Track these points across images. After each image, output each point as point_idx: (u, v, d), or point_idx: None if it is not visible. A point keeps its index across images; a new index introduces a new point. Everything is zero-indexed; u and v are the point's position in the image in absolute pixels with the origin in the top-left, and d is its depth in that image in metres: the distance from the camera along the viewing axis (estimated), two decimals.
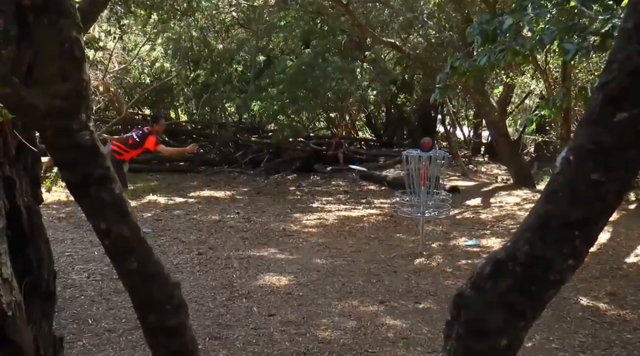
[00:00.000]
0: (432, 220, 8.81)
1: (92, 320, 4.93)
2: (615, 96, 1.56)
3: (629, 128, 1.56)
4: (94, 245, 7.20)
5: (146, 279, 2.15)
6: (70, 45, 1.87)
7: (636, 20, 1.52)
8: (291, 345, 4.48)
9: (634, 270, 6.66)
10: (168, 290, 2.22)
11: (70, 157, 1.98)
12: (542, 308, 1.81)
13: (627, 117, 1.55)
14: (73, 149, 1.96)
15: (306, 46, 16.83)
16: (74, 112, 1.93)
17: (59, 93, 1.89)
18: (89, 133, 1.97)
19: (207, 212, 9.98)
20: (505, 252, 1.75)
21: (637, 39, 1.52)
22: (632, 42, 1.52)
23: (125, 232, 2.03)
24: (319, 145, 17.74)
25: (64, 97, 1.89)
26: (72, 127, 1.93)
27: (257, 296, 5.66)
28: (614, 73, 1.55)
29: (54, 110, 1.90)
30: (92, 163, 1.98)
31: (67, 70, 1.88)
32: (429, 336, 4.71)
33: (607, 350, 4.52)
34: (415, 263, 7.06)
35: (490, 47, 5.30)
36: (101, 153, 2.02)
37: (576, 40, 4.81)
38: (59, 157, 2.00)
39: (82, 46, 1.90)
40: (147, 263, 2.14)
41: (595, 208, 1.64)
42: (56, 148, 1.98)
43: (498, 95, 15.18)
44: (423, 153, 7.32)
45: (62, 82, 1.89)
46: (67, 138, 1.94)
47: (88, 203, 2.02)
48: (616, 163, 1.59)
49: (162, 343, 2.25)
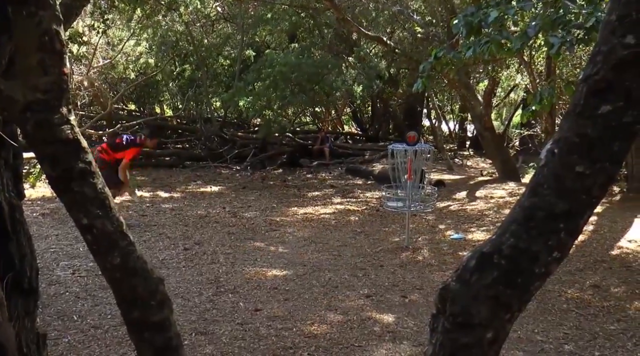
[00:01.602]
0: (418, 214, 8.83)
1: (77, 316, 4.89)
2: (599, 89, 1.56)
3: (613, 121, 1.57)
4: (79, 241, 7.14)
5: (129, 274, 2.13)
6: (51, 38, 1.84)
7: (619, 13, 1.52)
8: (277, 339, 4.47)
9: (618, 262, 6.72)
10: (152, 285, 2.20)
11: (51, 151, 1.95)
12: (527, 300, 1.82)
13: (610, 109, 1.56)
14: (54, 143, 1.93)
15: (292, 40, 16.78)
16: (54, 105, 1.90)
17: (39, 87, 1.86)
18: (70, 127, 1.94)
19: (193, 207, 9.93)
20: (490, 245, 1.75)
21: (620, 32, 1.52)
22: (616, 35, 1.52)
23: (107, 227, 2.01)
24: (305, 139, 17.73)
25: (45, 90, 1.87)
26: (53, 121, 1.91)
27: (244, 291, 5.65)
28: (598, 66, 1.56)
29: (35, 103, 1.87)
30: (73, 157, 1.95)
31: (48, 63, 1.86)
32: (415, 330, 4.73)
33: (591, 341, 4.56)
34: (402, 257, 7.07)
35: (475, 40, 5.30)
36: (83, 148, 1.99)
37: (560, 33, 4.83)
38: (40, 151, 1.97)
39: (62, 39, 1.87)
40: (130, 258, 2.12)
41: (580, 200, 1.64)
42: (37, 142, 1.95)
43: (483, 89, 15.21)
44: (409, 147, 7.33)
45: (43, 75, 1.86)
46: (47, 132, 1.91)
47: (70, 198, 1.99)
48: (600, 156, 1.59)
49: (147, 338, 2.24)
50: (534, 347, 4.43)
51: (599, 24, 4.33)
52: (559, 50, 4.79)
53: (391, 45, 14.28)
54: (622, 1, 1.51)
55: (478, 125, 12.74)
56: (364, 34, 13.42)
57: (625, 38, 1.51)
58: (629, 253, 7.09)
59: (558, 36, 4.81)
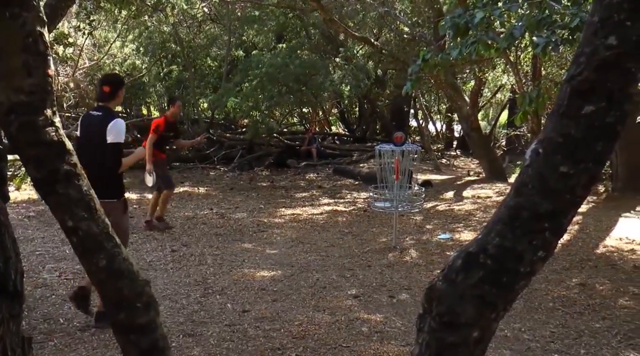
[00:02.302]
0: (405, 214, 8.85)
1: (64, 319, 4.86)
2: (582, 89, 1.58)
3: (596, 121, 1.59)
4: (65, 244, 7.09)
5: (115, 276, 2.12)
6: (35, 39, 1.83)
7: (601, 14, 1.54)
8: (265, 340, 4.47)
9: (603, 261, 6.78)
10: (138, 287, 2.19)
11: (36, 154, 1.94)
12: (513, 299, 1.83)
13: (593, 110, 1.57)
14: (38, 145, 1.92)
15: (279, 41, 16.77)
16: (39, 107, 1.89)
17: (23, 88, 1.85)
18: (54, 129, 1.93)
19: (180, 208, 9.90)
20: (476, 245, 1.76)
21: (603, 34, 1.54)
22: (598, 37, 1.54)
23: (93, 229, 2.00)
24: (292, 140, 17.72)
25: (29, 92, 1.85)
26: (37, 123, 1.90)
27: (231, 292, 5.63)
28: (581, 66, 1.57)
29: (18, 105, 1.86)
30: (58, 159, 1.94)
31: (32, 65, 1.85)
32: (402, 330, 4.74)
33: (577, 339, 4.60)
34: (389, 257, 7.09)
35: (462, 41, 5.34)
36: (68, 150, 1.98)
37: (546, 34, 4.87)
38: (24, 153, 1.96)
39: (46, 40, 1.86)
40: (116, 261, 2.11)
41: (564, 200, 1.66)
42: (21, 145, 1.94)
43: (470, 90, 15.28)
44: (396, 148, 7.35)
45: (27, 77, 1.85)
46: (32, 134, 1.90)
47: (55, 200, 1.98)
48: (584, 156, 1.61)
49: (133, 341, 2.23)
50: (520, 346, 4.45)
51: (583, 24, 4.35)
52: (544, 50, 4.83)
53: (378, 45, 14.31)
54: (604, 3, 1.53)
55: (465, 125, 12.81)
56: (351, 34, 13.45)
57: (607, 39, 1.53)
58: (614, 252, 7.15)
59: (543, 36, 4.85)
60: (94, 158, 4.44)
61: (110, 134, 4.53)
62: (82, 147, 4.66)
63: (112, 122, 4.55)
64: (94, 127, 4.61)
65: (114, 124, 4.54)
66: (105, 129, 4.52)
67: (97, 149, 4.53)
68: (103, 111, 4.68)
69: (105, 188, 4.26)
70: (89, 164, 3.97)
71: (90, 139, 4.63)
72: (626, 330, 4.79)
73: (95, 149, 4.54)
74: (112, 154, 4.57)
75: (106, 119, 4.57)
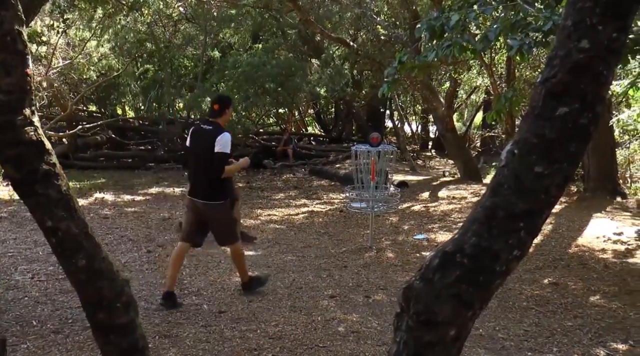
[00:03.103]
0: (381, 215, 8.89)
1: (37, 321, 4.79)
2: (556, 91, 1.61)
3: (570, 123, 1.62)
4: (38, 245, 7.01)
5: (95, 277, 2.11)
6: (13, 38, 1.81)
7: (574, 18, 1.57)
8: (242, 341, 4.46)
9: (575, 260, 6.88)
10: (117, 287, 2.18)
11: (15, 153, 1.93)
12: (488, 298, 1.86)
13: (567, 111, 1.61)
14: (18, 145, 1.90)
15: (255, 41, 16.73)
16: (17, 107, 1.87)
17: (1, 88, 1.83)
18: (33, 129, 1.92)
19: (156, 209, 9.82)
20: (452, 244, 1.78)
21: (576, 37, 1.57)
22: (572, 40, 1.57)
23: (72, 229, 1.99)
24: (268, 141, 17.68)
25: (7, 91, 1.84)
26: (16, 123, 1.88)
27: (207, 293, 5.61)
28: (555, 69, 1.61)
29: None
30: (37, 159, 1.93)
31: (10, 64, 1.83)
32: (378, 330, 4.77)
33: (550, 338, 4.67)
34: (365, 257, 7.12)
35: (438, 43, 5.39)
36: (47, 149, 1.96)
37: (520, 36, 4.93)
38: (3, 153, 1.94)
39: (24, 39, 1.85)
40: (96, 261, 2.10)
41: (539, 199, 1.69)
42: (0, 144, 1.92)
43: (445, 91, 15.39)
44: (372, 148, 7.39)
45: (5, 76, 1.83)
46: (11, 134, 1.88)
47: (34, 200, 1.97)
48: (558, 156, 1.64)
49: (112, 341, 2.21)
50: (495, 344, 4.50)
51: (556, 27, 4.44)
52: (518, 52, 4.90)
53: (354, 47, 14.35)
54: (576, 7, 1.57)
55: (440, 126, 12.91)
56: (328, 35, 13.47)
57: (580, 42, 1.57)
58: (586, 251, 7.27)
59: (517, 39, 4.92)
60: (200, 165, 5.24)
61: (219, 145, 5.12)
62: (190, 155, 5.46)
63: (220, 135, 5.15)
64: (204, 138, 5.22)
65: (222, 136, 5.15)
66: (214, 141, 5.11)
67: (204, 158, 5.18)
68: (213, 125, 5.29)
69: (209, 192, 5.20)
70: (195, 170, 5.32)
71: (199, 149, 5.26)
72: (597, 328, 4.89)
73: (203, 158, 5.19)
74: (219, 162, 5.15)
75: (215, 132, 5.18)
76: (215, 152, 5.12)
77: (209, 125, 5.32)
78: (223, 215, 5.35)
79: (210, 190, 5.21)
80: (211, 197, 5.22)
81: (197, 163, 5.28)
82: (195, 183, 5.31)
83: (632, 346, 4.55)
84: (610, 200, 10.46)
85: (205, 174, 5.20)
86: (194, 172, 5.39)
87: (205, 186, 5.22)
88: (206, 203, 5.24)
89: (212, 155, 5.12)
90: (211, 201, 5.22)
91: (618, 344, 4.57)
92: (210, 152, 5.12)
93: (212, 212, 5.29)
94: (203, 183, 5.23)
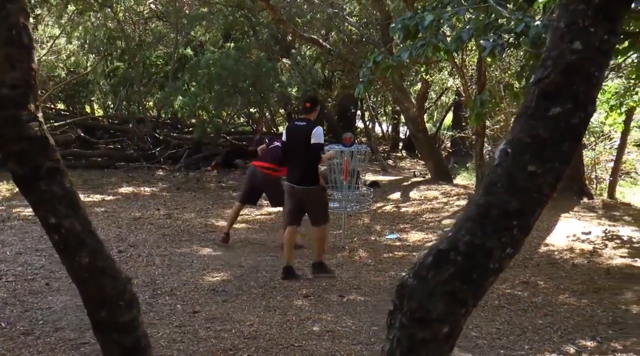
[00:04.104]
0: (353, 215, 8.92)
1: (6, 323, 4.68)
2: (549, 92, 1.64)
3: (562, 123, 1.65)
4: (5, 245, 6.88)
5: (98, 274, 2.08)
6: (18, 32, 1.77)
7: (567, 20, 1.60)
8: (217, 341, 4.43)
9: (544, 260, 7.01)
10: (120, 285, 2.15)
11: (19, 149, 1.88)
12: (481, 295, 1.88)
13: (560, 111, 1.63)
14: (21, 140, 1.86)
15: (226, 40, 16.63)
16: (22, 101, 1.83)
17: (6, 82, 1.79)
18: (38, 124, 1.88)
19: (127, 208, 9.69)
20: (446, 242, 1.80)
21: (568, 38, 1.60)
22: (564, 41, 1.60)
23: (76, 227, 1.95)
24: (240, 140, 17.58)
25: (12, 86, 1.80)
26: (21, 118, 1.84)
27: (181, 293, 5.56)
28: (548, 69, 1.63)
29: (1, 99, 1.80)
30: (42, 155, 1.89)
31: (15, 58, 1.79)
32: (353, 329, 4.78)
33: (521, 336, 4.75)
34: (338, 257, 7.14)
35: (412, 43, 5.42)
36: (51, 145, 1.93)
37: (492, 37, 4.99)
38: (6, 148, 1.89)
39: (30, 32, 1.81)
40: (99, 258, 2.07)
41: (532, 198, 1.72)
42: (3, 140, 1.88)
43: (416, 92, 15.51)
44: (345, 148, 7.41)
45: (10, 71, 1.79)
46: (15, 129, 1.84)
47: (37, 196, 1.93)
48: (551, 156, 1.67)
49: (114, 339, 2.18)
50: (468, 343, 4.55)
51: (528, 29, 4.52)
52: (491, 53, 4.95)
53: (326, 47, 14.37)
54: (569, 9, 1.59)
55: (412, 126, 12.99)
56: (300, 35, 13.46)
57: (573, 44, 1.60)
58: (554, 251, 7.40)
59: (490, 40, 4.97)
60: (299, 156, 6.04)
61: (314, 138, 5.94)
62: (288, 148, 6.23)
63: (314, 129, 5.99)
64: (300, 133, 6.05)
65: (316, 130, 5.98)
66: (310, 134, 5.93)
67: (302, 150, 5.99)
68: (306, 121, 6.13)
69: (308, 178, 6.04)
70: (295, 161, 6.12)
71: (296, 142, 6.08)
72: (566, 325, 4.99)
73: (301, 150, 6.00)
74: (316, 152, 6.04)
75: (310, 127, 6.01)
76: (311, 143, 5.93)
77: (302, 122, 6.20)
78: (318, 197, 6.22)
79: (307, 176, 6.04)
80: (309, 182, 6.04)
81: (296, 154, 6.09)
82: (295, 171, 6.14)
83: (600, 343, 4.65)
84: (577, 200, 10.64)
85: (304, 163, 6.02)
86: (293, 162, 6.19)
87: (303, 173, 6.04)
88: (305, 188, 6.07)
89: (309, 147, 5.93)
90: (309, 186, 6.05)
91: (587, 341, 4.67)
92: (307, 144, 5.93)
93: (310, 195, 6.12)
94: (301, 171, 6.05)
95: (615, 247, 7.58)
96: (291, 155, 6.21)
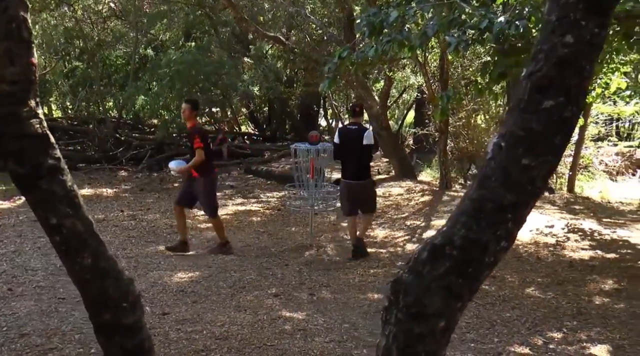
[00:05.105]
0: (320, 213, 8.91)
1: None
2: (542, 85, 1.65)
3: (555, 116, 1.66)
4: None
5: (100, 275, 2.02)
6: (18, 25, 1.70)
7: (558, 14, 1.61)
8: (188, 343, 4.37)
9: (510, 254, 7.08)
10: (123, 286, 2.09)
11: (19, 147, 1.81)
12: (477, 289, 1.88)
13: (553, 104, 1.64)
14: (22, 138, 1.79)
15: (187, 39, 16.45)
16: (22, 97, 1.76)
17: (6, 78, 1.71)
18: (39, 121, 1.81)
19: (89, 211, 9.25)
20: (441, 237, 1.80)
21: (560, 32, 1.61)
22: (556, 34, 1.61)
23: (78, 227, 1.89)
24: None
25: (11, 81, 1.72)
26: (21, 114, 1.76)
27: (149, 295, 5.48)
28: (540, 63, 1.64)
29: (1, 96, 1.72)
30: (42, 153, 1.82)
31: (14, 53, 1.72)
32: (325, 327, 4.78)
33: (490, 329, 4.82)
34: (306, 255, 7.14)
35: (377, 39, 5.43)
36: (52, 143, 1.85)
37: (457, 33, 5.04)
38: (5, 146, 1.81)
39: (29, 27, 1.73)
40: (102, 259, 2.01)
41: (526, 191, 1.72)
42: (3, 137, 1.80)
43: (379, 90, 15.55)
44: (311, 147, 7.40)
45: (9, 66, 1.72)
46: (15, 126, 1.77)
47: (37, 196, 1.85)
48: (544, 149, 1.68)
49: (117, 342, 2.12)
50: None
51: (492, 25, 4.57)
52: (455, 49, 5.00)
53: (289, 45, 14.32)
54: (560, 3, 1.60)
55: (375, 124, 13.00)
56: (262, 33, 13.38)
57: (564, 37, 1.61)
58: (519, 245, 7.51)
59: (454, 36, 5.02)
60: (353, 156, 6.86)
61: (366, 139, 6.82)
62: (341, 149, 6.93)
63: (366, 132, 6.90)
64: (353, 135, 6.88)
65: (367, 133, 6.90)
66: (362, 136, 6.80)
67: (356, 150, 6.83)
68: (357, 125, 7.04)
69: (361, 174, 6.92)
70: (349, 160, 6.91)
71: (349, 144, 6.85)
72: (533, 318, 5.08)
73: (355, 150, 6.83)
74: (369, 151, 6.94)
75: (362, 129, 6.93)
76: (364, 144, 6.79)
77: (353, 126, 7.05)
78: (371, 190, 7.19)
79: (361, 172, 6.91)
80: (363, 177, 6.93)
81: (349, 154, 6.87)
82: (350, 169, 6.95)
83: (566, 333, 4.75)
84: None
85: (358, 161, 6.84)
86: (347, 161, 6.96)
87: (358, 170, 6.87)
88: (359, 183, 6.90)
89: (362, 147, 6.78)
90: (363, 180, 6.93)
91: (553, 332, 4.76)
92: (360, 144, 6.77)
93: (364, 189, 6.96)
94: (356, 168, 6.86)
95: (577, 240, 7.74)
96: (345, 155, 6.93)
